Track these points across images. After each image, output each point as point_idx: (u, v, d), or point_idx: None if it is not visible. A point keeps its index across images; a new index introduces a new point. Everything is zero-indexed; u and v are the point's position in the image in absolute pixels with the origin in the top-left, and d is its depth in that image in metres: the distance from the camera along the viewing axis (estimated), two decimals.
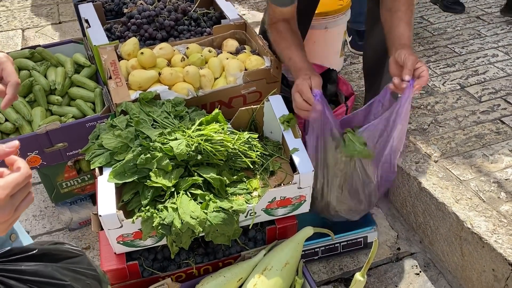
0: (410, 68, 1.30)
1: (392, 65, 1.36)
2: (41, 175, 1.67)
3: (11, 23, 3.28)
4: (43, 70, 1.79)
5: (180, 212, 1.15)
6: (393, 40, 1.41)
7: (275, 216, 1.32)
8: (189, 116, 1.41)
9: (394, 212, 1.91)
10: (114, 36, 1.83)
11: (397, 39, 1.39)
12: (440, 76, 2.34)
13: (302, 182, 1.25)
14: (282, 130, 1.38)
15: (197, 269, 1.32)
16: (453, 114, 2.06)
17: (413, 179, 1.75)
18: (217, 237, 1.21)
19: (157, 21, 1.80)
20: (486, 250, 1.48)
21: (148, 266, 1.29)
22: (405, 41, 1.38)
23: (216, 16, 1.92)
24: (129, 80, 1.51)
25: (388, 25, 1.44)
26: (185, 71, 1.53)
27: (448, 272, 1.68)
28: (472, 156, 1.82)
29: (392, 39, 1.42)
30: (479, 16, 2.89)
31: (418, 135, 1.94)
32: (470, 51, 2.54)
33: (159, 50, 1.62)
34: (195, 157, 1.23)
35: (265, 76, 1.55)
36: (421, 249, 1.77)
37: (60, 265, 0.78)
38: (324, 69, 2.01)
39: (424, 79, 1.33)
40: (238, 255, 1.34)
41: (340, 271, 1.68)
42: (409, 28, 1.40)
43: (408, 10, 1.41)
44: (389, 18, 1.43)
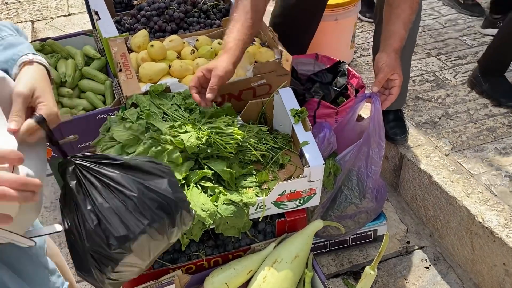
0: (380, 80, 1.30)
1: (374, 64, 1.35)
2: (52, 167, 1.68)
3: (20, 15, 3.29)
4: (54, 62, 1.80)
5: (191, 205, 1.15)
6: (384, 37, 1.38)
7: (285, 209, 1.31)
8: (199, 108, 1.41)
9: (404, 206, 1.90)
10: (123, 28, 1.83)
11: (387, 38, 1.36)
12: (451, 69, 2.31)
13: (312, 175, 1.24)
14: (292, 123, 1.37)
15: (207, 261, 1.33)
16: (464, 107, 2.04)
17: (423, 173, 1.74)
18: (227, 230, 1.21)
19: (167, 13, 1.79)
20: (497, 244, 1.47)
21: (159, 258, 1.30)
22: (394, 41, 1.34)
23: (226, 8, 1.91)
24: (139, 72, 1.51)
25: (386, 20, 1.40)
26: (195, 64, 1.52)
27: (458, 266, 1.67)
28: (484, 149, 1.80)
29: (384, 35, 1.38)
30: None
31: (428, 128, 1.93)
32: (482, 43, 2.50)
33: (169, 43, 1.62)
34: (205, 150, 1.23)
35: (275, 69, 1.54)
36: (431, 242, 1.76)
37: (136, 178, 0.83)
38: (334, 61, 2.00)
39: (391, 97, 1.32)
40: (248, 248, 1.34)
41: (349, 264, 1.68)
42: (404, 27, 1.35)
43: (408, 8, 1.35)
44: (388, 14, 1.39)
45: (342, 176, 1.47)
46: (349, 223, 1.56)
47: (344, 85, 1.90)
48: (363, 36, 2.65)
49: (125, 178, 0.82)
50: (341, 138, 1.42)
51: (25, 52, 0.82)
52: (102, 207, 0.80)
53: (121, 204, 0.81)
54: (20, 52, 0.82)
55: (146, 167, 0.87)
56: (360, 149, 1.42)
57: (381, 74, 1.31)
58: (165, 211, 0.86)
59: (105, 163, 0.83)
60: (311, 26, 1.94)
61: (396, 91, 1.33)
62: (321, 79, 1.91)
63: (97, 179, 0.81)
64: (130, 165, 0.85)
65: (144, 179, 0.85)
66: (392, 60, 1.32)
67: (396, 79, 1.32)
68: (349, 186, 1.48)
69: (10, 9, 3.38)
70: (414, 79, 2.25)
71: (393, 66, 1.31)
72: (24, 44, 0.85)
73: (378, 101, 1.34)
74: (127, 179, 0.82)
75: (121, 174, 0.83)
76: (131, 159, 0.87)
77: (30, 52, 0.82)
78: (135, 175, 0.84)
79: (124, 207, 0.81)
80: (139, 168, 0.86)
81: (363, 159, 1.44)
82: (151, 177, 0.86)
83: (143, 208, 0.82)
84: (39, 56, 0.83)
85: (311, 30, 1.98)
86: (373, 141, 1.40)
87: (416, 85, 2.21)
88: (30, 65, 0.81)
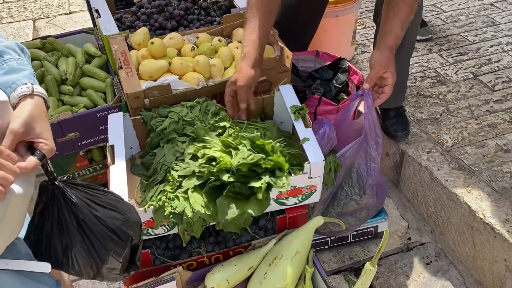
0: (372, 77, 1.29)
1: (369, 61, 1.35)
2: (53, 164, 1.68)
3: (22, 13, 3.30)
4: (55, 60, 1.80)
5: (191, 201, 1.16)
6: (380, 35, 1.37)
7: (285, 206, 1.32)
8: (201, 106, 1.42)
9: (405, 202, 1.90)
10: (124, 26, 1.83)
11: (383, 35, 1.35)
12: (453, 65, 2.31)
13: (313, 171, 1.24)
14: (293, 120, 1.37)
15: (208, 258, 1.33)
16: (465, 103, 2.04)
17: (424, 169, 1.74)
18: (227, 226, 1.21)
19: (167, 10, 1.80)
20: (498, 241, 1.47)
21: (160, 255, 1.30)
22: (389, 39, 1.33)
23: (226, 5, 1.91)
24: (140, 70, 1.51)
25: (383, 18, 1.39)
26: (195, 61, 1.52)
27: (459, 262, 1.67)
28: (485, 145, 1.80)
29: (380, 33, 1.38)
30: (493, 3, 2.84)
31: (430, 125, 1.93)
32: (484, 39, 2.49)
33: (169, 40, 1.62)
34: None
35: (276, 66, 1.54)
36: (432, 239, 1.76)
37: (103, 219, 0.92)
38: (334, 58, 1.99)
39: (383, 96, 1.31)
40: (248, 244, 1.35)
41: (350, 261, 1.68)
42: (401, 25, 1.34)
43: (407, 7, 1.34)
44: (386, 12, 1.38)
45: (343, 173, 1.47)
46: (349, 220, 1.56)
47: (345, 82, 1.90)
48: (364, 33, 2.64)
49: (91, 220, 0.89)
50: (338, 136, 1.43)
51: (25, 81, 0.84)
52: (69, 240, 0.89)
53: (80, 237, 0.89)
54: (20, 80, 0.83)
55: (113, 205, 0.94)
56: (360, 146, 1.42)
57: (373, 71, 1.30)
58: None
59: (84, 196, 0.90)
60: (312, 25, 1.93)
61: (388, 89, 1.32)
62: (321, 75, 1.91)
63: (70, 215, 0.88)
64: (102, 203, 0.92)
65: (107, 222, 0.91)
66: (385, 57, 1.31)
67: (389, 77, 1.31)
68: (350, 183, 1.48)
69: (11, 7, 3.38)
70: (415, 75, 2.25)
71: (386, 64, 1.31)
72: (25, 71, 0.86)
73: (370, 99, 1.34)
74: (93, 222, 0.90)
75: (90, 214, 0.89)
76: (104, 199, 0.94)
77: (30, 82, 0.84)
78: (103, 214, 0.91)
79: (83, 241, 0.90)
80: (109, 206, 0.93)
81: (363, 155, 1.44)
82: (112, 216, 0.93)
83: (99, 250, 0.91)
84: (38, 87, 0.85)
85: (312, 28, 1.98)
86: (370, 138, 1.40)
87: (417, 81, 2.20)
88: (30, 98, 0.83)
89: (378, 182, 1.52)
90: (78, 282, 1.66)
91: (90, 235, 0.89)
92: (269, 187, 1.20)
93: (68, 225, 0.88)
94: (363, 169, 1.46)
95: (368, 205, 1.54)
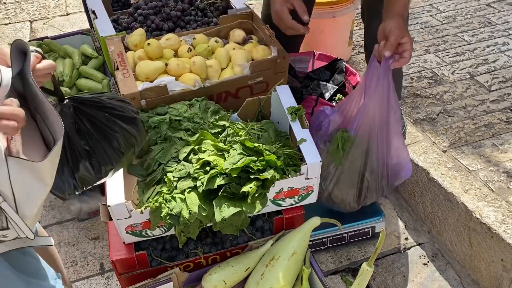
0: (392, 43, 1.24)
1: (380, 33, 1.31)
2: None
3: (19, 15, 3.29)
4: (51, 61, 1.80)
5: (188, 203, 1.16)
6: (387, 5, 1.34)
7: (282, 207, 1.32)
8: (200, 103, 1.42)
9: (402, 203, 1.91)
10: (121, 27, 1.83)
11: (391, 5, 1.33)
12: (450, 65, 2.31)
13: (310, 172, 1.25)
14: (290, 121, 1.37)
15: (205, 259, 1.33)
16: (462, 103, 2.04)
17: (421, 169, 1.74)
18: (225, 227, 1.21)
19: (164, 11, 1.79)
20: (494, 241, 1.47)
21: (157, 256, 1.30)
22: (398, 9, 1.31)
23: (223, 6, 1.91)
24: (136, 71, 1.51)
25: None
26: (192, 62, 1.52)
27: (456, 262, 1.67)
28: (481, 146, 1.81)
29: (385, 6, 1.35)
30: (489, 3, 2.85)
31: (426, 125, 1.93)
32: (480, 40, 2.50)
33: (166, 41, 1.62)
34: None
35: (272, 66, 1.55)
36: (429, 239, 1.77)
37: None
38: (331, 58, 2.00)
39: (404, 60, 1.27)
40: (245, 245, 1.35)
41: (348, 261, 1.68)
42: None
43: None
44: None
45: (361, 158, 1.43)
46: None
47: (342, 82, 1.90)
48: (361, 33, 2.64)
49: (107, 116, 0.97)
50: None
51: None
52: (93, 144, 0.95)
53: (104, 140, 0.96)
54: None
55: (122, 109, 1.01)
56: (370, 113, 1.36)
57: (392, 37, 1.24)
58: (131, 145, 1.03)
59: (91, 104, 0.96)
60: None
61: (408, 54, 1.27)
62: (318, 76, 1.91)
63: (87, 119, 0.95)
64: (113, 107, 0.99)
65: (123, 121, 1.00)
66: (400, 23, 1.27)
67: (407, 42, 1.26)
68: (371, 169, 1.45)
69: (8, 9, 3.38)
70: (412, 75, 2.25)
71: (403, 29, 1.27)
72: None
73: (389, 67, 1.27)
74: (109, 119, 0.97)
75: (107, 116, 0.97)
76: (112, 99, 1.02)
77: None
78: (117, 116, 0.99)
79: (106, 143, 0.96)
80: (117, 109, 1.00)
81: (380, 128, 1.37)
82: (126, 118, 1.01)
83: (120, 143, 0.99)
84: None
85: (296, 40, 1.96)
86: (392, 99, 1.33)
87: (414, 81, 2.21)
88: None
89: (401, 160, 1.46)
90: (76, 284, 1.66)
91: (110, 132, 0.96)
92: (263, 187, 1.20)
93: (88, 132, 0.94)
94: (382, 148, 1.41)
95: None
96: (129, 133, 1.00)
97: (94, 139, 0.95)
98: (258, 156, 1.23)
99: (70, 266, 1.71)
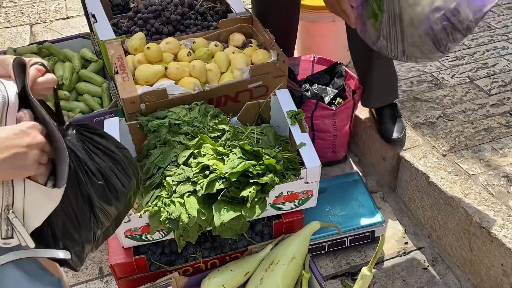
0: None
1: None
2: None
3: (19, 18, 3.30)
4: (51, 65, 1.80)
5: (187, 207, 1.16)
6: None
7: (282, 211, 1.32)
8: (199, 107, 1.42)
9: (402, 207, 1.90)
10: (120, 31, 1.83)
11: None
12: (449, 69, 2.31)
13: (309, 177, 1.24)
14: (289, 125, 1.37)
15: (204, 263, 1.33)
16: (462, 107, 2.04)
17: (421, 174, 1.74)
18: (224, 232, 1.21)
19: (164, 15, 1.80)
20: (494, 245, 1.47)
21: (156, 260, 1.30)
22: None
23: (223, 10, 1.92)
24: (136, 75, 1.51)
25: None
26: (192, 66, 1.52)
27: (456, 267, 1.67)
28: (481, 150, 1.80)
29: None
30: None
31: (426, 129, 1.93)
32: (480, 44, 2.50)
33: (166, 45, 1.62)
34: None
35: (272, 70, 1.55)
36: (429, 243, 1.76)
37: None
38: (331, 62, 2.00)
39: None
40: (245, 249, 1.34)
41: (348, 266, 1.68)
42: None
43: None
44: None
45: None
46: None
47: (342, 86, 1.90)
48: None
49: (110, 144, 0.93)
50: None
51: None
52: (105, 168, 0.90)
53: (113, 166, 0.92)
54: None
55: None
56: None
57: None
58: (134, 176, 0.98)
59: (93, 132, 0.93)
60: (289, 30, 1.91)
61: None
62: (318, 80, 1.91)
63: (93, 145, 0.91)
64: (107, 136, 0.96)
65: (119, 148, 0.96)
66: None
67: None
68: None
69: (8, 12, 3.38)
70: (412, 79, 2.25)
71: None
72: None
73: None
74: (112, 146, 0.93)
75: (106, 141, 0.93)
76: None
77: None
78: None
79: (116, 169, 0.92)
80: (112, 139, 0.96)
81: None
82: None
83: (127, 170, 0.94)
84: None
85: (290, 34, 1.96)
86: None
87: (413, 85, 2.21)
88: None
89: None
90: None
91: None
92: (263, 192, 1.20)
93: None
94: None
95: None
96: (131, 163, 0.96)
97: (105, 162, 0.91)
98: (257, 160, 1.23)
99: (69, 270, 1.71)
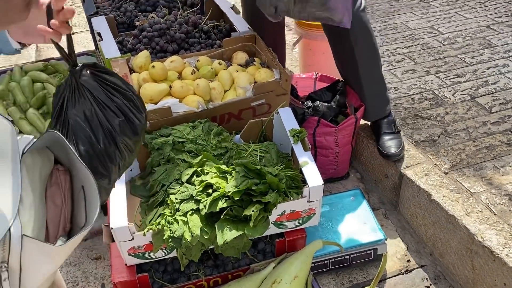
0: None
1: None
2: None
3: None
4: (57, 82, 1.82)
5: (190, 225, 1.16)
6: None
7: (284, 229, 1.32)
8: (203, 125, 1.44)
9: (404, 224, 1.90)
10: (125, 48, 1.86)
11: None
12: (450, 87, 2.33)
13: (312, 195, 1.25)
14: (292, 143, 1.39)
15: (207, 281, 1.33)
16: (463, 125, 2.05)
17: (423, 191, 1.74)
18: (227, 250, 1.22)
19: (168, 34, 1.83)
20: (497, 264, 1.47)
21: (158, 278, 1.30)
22: None
23: (226, 29, 1.94)
24: (141, 93, 1.53)
25: None
26: (196, 84, 1.55)
27: (458, 286, 1.66)
28: (483, 168, 1.81)
29: None
30: (489, 25, 2.89)
31: (428, 147, 1.94)
32: (481, 61, 2.53)
33: (170, 63, 1.65)
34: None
35: (274, 89, 1.57)
36: (431, 261, 1.76)
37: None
38: (333, 80, 2.02)
39: None
40: (247, 268, 1.34)
41: (350, 284, 1.67)
42: None
43: None
44: None
45: None
46: None
47: (343, 104, 1.92)
48: None
49: (118, 81, 0.92)
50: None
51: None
52: (121, 105, 0.90)
53: (127, 102, 0.91)
54: None
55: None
56: None
57: None
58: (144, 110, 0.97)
59: (102, 71, 0.91)
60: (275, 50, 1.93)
61: None
62: (320, 97, 1.93)
63: (106, 83, 0.90)
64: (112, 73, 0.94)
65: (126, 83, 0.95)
66: None
67: None
68: None
69: None
70: (413, 97, 2.27)
71: None
72: None
73: None
74: (120, 82, 0.92)
75: (114, 78, 0.92)
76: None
77: None
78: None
79: (130, 105, 0.91)
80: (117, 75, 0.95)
81: None
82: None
83: (139, 106, 0.93)
84: None
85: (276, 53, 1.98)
86: None
87: (415, 103, 2.23)
88: None
89: None
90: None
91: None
92: (265, 210, 1.21)
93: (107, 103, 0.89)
94: None
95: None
96: (139, 98, 0.95)
97: (120, 100, 0.90)
98: (260, 179, 1.24)
99: (71, 286, 1.71)
